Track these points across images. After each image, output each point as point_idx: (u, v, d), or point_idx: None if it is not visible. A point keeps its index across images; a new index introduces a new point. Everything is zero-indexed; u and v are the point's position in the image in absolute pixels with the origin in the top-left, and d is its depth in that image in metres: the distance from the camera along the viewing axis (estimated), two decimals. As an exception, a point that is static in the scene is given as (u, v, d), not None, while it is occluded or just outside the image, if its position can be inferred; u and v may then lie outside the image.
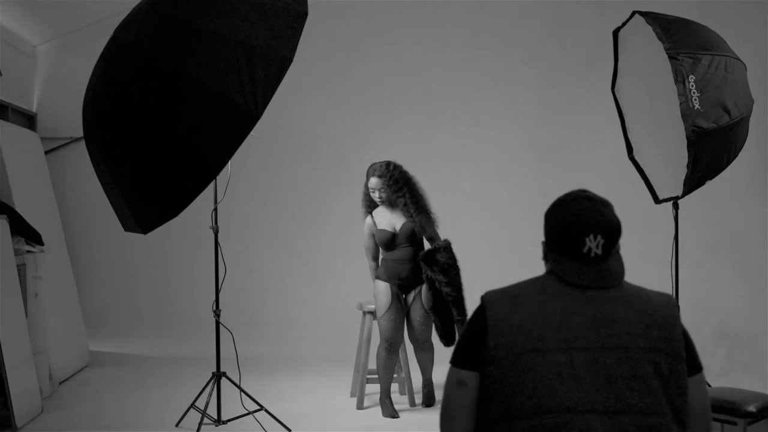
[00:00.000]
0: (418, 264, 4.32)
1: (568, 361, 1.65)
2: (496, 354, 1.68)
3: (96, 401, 4.72)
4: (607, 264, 1.75)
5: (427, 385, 4.58)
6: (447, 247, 4.25)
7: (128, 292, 6.91)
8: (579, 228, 1.75)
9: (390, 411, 4.37)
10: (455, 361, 1.78)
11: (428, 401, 4.57)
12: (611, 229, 1.76)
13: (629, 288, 1.77)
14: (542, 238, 1.84)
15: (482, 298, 1.79)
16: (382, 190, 4.32)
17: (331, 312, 6.34)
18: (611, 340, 1.67)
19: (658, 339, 1.69)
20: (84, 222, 6.86)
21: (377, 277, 4.43)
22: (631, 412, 1.63)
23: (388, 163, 4.37)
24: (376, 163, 4.39)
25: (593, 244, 1.74)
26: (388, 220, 4.38)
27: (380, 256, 4.49)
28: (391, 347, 4.34)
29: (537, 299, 1.73)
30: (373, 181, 4.32)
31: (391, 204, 4.38)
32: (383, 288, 4.38)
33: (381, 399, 4.43)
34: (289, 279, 6.67)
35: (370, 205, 4.45)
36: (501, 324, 1.70)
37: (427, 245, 4.41)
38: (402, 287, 4.38)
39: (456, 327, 4.27)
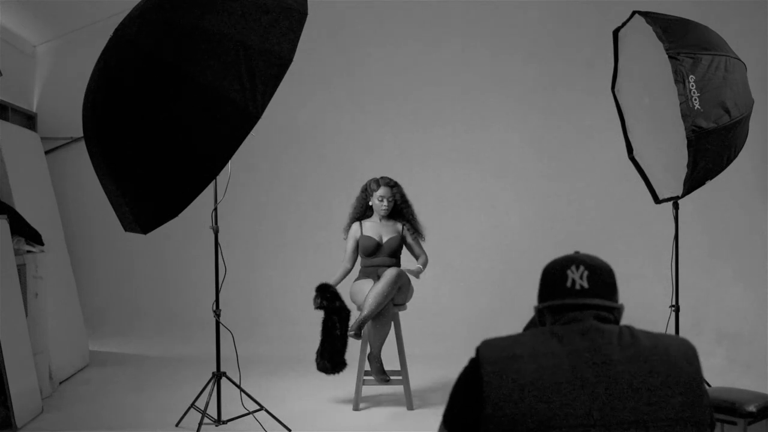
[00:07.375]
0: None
1: None
2: (498, 425, 1.52)
3: (96, 401, 4.72)
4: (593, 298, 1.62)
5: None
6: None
7: (128, 292, 6.91)
8: (560, 264, 1.66)
9: (380, 375, 4.46)
10: (448, 426, 1.64)
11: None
12: (595, 262, 1.65)
13: (643, 338, 1.59)
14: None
15: (478, 355, 1.60)
16: (390, 200, 4.56)
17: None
18: (632, 415, 1.50)
19: (683, 407, 1.52)
20: (84, 222, 6.86)
21: (356, 279, 4.60)
22: None
23: (390, 179, 4.64)
24: (379, 177, 4.64)
25: (576, 275, 1.63)
26: (376, 229, 4.62)
27: (357, 265, 4.68)
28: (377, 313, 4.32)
29: (541, 360, 1.55)
30: (384, 191, 4.56)
31: (390, 215, 4.61)
32: (362, 282, 4.52)
33: (370, 362, 4.48)
34: (289, 279, 6.66)
35: (358, 218, 4.67)
36: (501, 391, 1.53)
37: (404, 261, 4.62)
38: None
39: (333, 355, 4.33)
